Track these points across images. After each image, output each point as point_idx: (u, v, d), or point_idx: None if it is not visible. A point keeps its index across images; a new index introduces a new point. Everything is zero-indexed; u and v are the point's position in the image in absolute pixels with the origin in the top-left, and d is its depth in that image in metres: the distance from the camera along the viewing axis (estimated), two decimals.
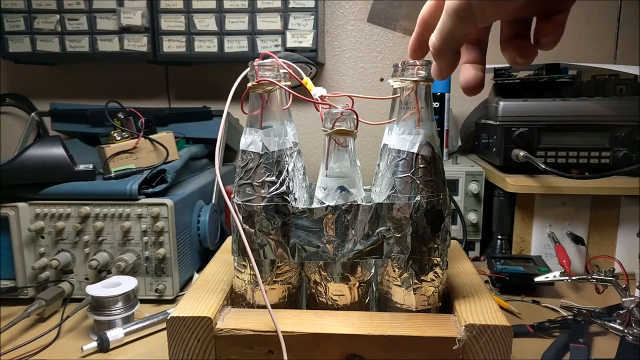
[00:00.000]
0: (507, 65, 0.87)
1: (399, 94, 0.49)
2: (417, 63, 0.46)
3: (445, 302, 0.52)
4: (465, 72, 0.38)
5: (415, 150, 0.47)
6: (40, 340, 0.60)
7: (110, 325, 0.62)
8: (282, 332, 0.44)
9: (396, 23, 1.01)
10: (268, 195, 0.48)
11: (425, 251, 0.48)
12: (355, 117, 0.47)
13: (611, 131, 0.82)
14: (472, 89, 0.38)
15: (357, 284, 0.50)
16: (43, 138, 0.99)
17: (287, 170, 0.49)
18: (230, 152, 1.09)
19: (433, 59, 0.38)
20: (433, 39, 0.36)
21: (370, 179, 0.53)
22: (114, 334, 0.60)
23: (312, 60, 0.96)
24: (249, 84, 0.48)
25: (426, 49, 0.40)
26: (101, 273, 0.71)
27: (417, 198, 0.47)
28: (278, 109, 0.49)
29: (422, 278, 0.49)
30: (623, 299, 0.57)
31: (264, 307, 0.46)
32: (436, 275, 0.49)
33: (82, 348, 0.58)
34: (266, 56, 0.49)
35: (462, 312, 0.46)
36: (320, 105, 0.49)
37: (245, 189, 0.48)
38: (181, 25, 1.00)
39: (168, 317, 0.46)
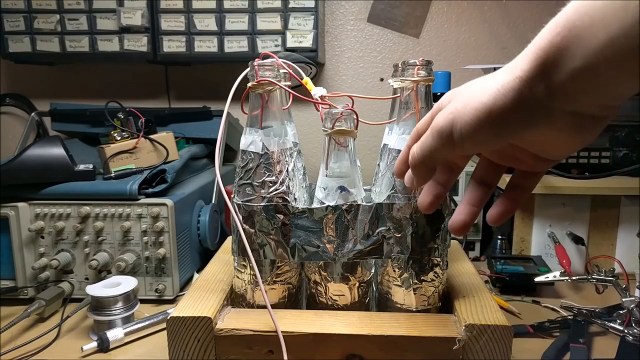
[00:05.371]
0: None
1: (399, 94, 0.49)
2: (417, 63, 0.46)
3: (445, 302, 0.52)
4: (456, 214, 0.39)
5: None
6: (40, 340, 0.60)
7: (110, 325, 0.62)
8: (282, 332, 0.44)
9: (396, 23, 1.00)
10: (268, 195, 0.48)
11: (425, 251, 0.48)
12: (355, 117, 0.47)
13: (611, 131, 0.82)
14: (457, 230, 0.39)
15: (357, 284, 0.50)
16: (43, 138, 0.99)
17: (287, 170, 0.49)
18: (230, 152, 1.09)
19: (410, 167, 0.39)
20: (414, 150, 0.37)
21: (370, 179, 0.53)
22: (114, 334, 0.60)
23: (312, 60, 0.96)
24: (249, 84, 0.48)
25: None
26: (101, 273, 0.71)
27: (417, 198, 0.47)
28: (278, 109, 0.49)
29: (422, 278, 0.49)
30: (623, 299, 0.57)
31: (264, 307, 0.46)
32: (436, 275, 0.49)
33: (82, 348, 0.58)
34: (266, 56, 0.49)
35: (462, 312, 0.46)
36: (320, 105, 0.49)
37: (245, 189, 0.48)
38: (181, 25, 1.00)
39: (168, 317, 0.46)
